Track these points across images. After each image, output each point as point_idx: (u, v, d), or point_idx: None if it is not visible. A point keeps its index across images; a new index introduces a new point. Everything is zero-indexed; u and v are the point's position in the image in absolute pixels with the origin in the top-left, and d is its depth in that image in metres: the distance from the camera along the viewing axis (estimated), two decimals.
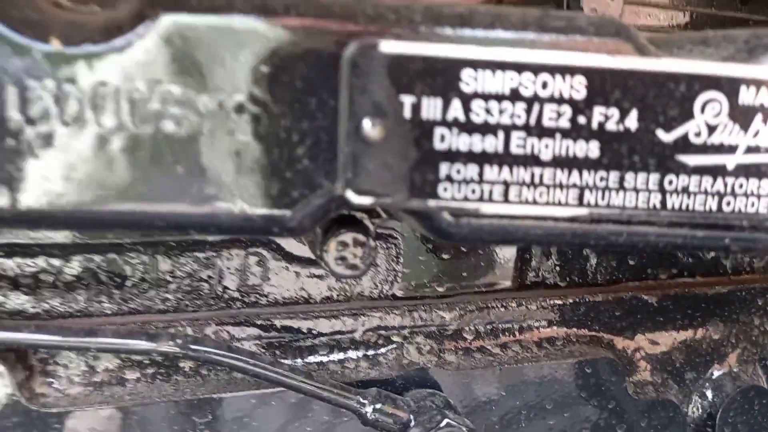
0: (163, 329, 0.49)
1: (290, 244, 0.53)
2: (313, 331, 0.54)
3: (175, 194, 0.33)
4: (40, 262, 0.47)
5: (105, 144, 0.32)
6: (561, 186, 0.34)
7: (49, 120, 0.31)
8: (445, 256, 0.57)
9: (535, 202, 0.34)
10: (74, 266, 0.48)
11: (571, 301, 0.61)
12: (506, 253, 0.59)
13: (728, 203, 0.35)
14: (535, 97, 0.33)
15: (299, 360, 0.53)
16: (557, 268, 0.61)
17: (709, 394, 0.66)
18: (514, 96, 0.33)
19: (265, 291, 0.53)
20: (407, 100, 0.32)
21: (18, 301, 0.47)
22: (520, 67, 0.32)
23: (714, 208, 0.35)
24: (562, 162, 0.34)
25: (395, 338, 0.55)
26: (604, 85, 0.33)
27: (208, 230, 0.35)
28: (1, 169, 0.32)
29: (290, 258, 0.53)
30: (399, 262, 0.55)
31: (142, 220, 0.34)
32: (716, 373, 0.67)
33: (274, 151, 0.33)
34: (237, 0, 0.32)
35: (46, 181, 0.32)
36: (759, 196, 0.35)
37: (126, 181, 0.33)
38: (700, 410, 0.66)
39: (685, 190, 0.35)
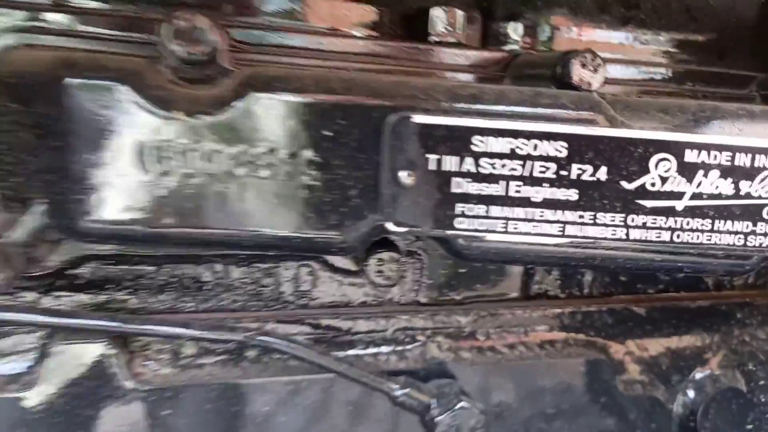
0: (234, 324, 0.61)
1: (334, 258, 0.64)
2: (352, 330, 0.65)
3: (261, 222, 0.45)
4: (140, 268, 0.60)
5: (212, 184, 0.44)
6: (548, 221, 0.45)
7: (173, 167, 0.44)
8: (462, 270, 0.68)
9: (528, 233, 0.45)
10: (165, 273, 0.60)
11: (569, 310, 0.71)
12: (513, 269, 0.70)
13: (678, 236, 0.46)
14: (528, 156, 0.44)
15: (341, 353, 0.64)
16: (557, 282, 0.72)
17: (691, 393, 0.76)
18: (513, 155, 0.44)
19: (314, 295, 0.64)
20: (432, 157, 0.44)
21: (122, 299, 0.60)
22: (516, 134, 0.44)
23: (667, 239, 0.46)
24: (549, 203, 0.45)
25: (419, 337, 0.67)
26: (581, 148, 0.44)
27: (283, 249, 0.46)
28: (136, 199, 0.44)
29: (334, 269, 0.64)
30: (423, 275, 0.67)
31: (232, 239, 0.46)
32: (698, 376, 0.77)
33: (333, 192, 0.45)
34: (308, 84, 0.43)
35: (168, 208, 0.44)
36: (702, 231, 0.46)
37: (224, 211, 0.45)
38: (683, 407, 0.75)
39: (644, 225, 0.46)
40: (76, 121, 0.43)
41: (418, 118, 0.43)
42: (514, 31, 0.67)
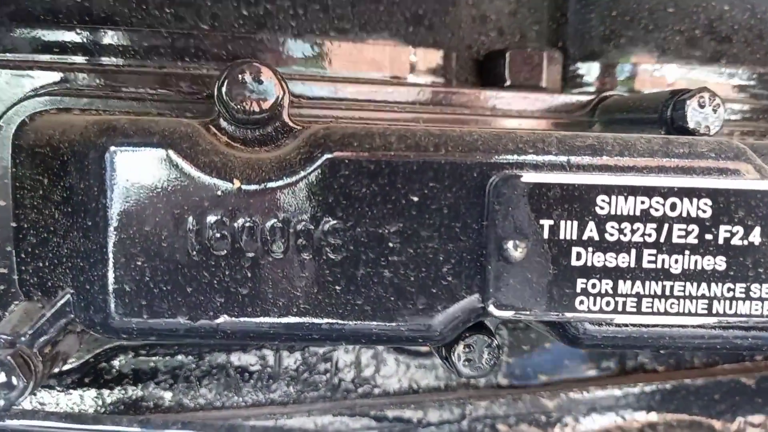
0: (285, 420, 0.52)
1: None
2: (423, 421, 0.56)
3: (333, 310, 0.37)
4: (178, 359, 0.51)
5: (275, 265, 0.36)
6: (691, 297, 0.36)
7: (227, 247, 0.36)
8: (547, 345, 0.59)
9: (666, 313, 0.37)
10: (206, 363, 0.52)
11: (669, 386, 0.61)
12: None
13: None
14: (665, 217, 0.36)
15: None
16: (655, 354, 0.62)
17: None
18: (645, 217, 0.36)
19: (378, 382, 0.55)
20: (546, 223, 0.36)
21: (157, 394, 0.51)
22: (649, 191, 0.35)
23: None
24: (691, 275, 0.36)
25: (501, 426, 0.57)
26: (728, 205, 0.36)
27: (358, 342, 0.38)
28: (183, 287, 0.36)
29: (400, 350, 0.55)
30: (503, 353, 0.58)
31: (297, 332, 0.38)
32: None
33: (422, 271, 0.37)
34: (391, 142, 0.36)
35: (220, 296, 0.36)
36: None
37: (287, 297, 0.37)
38: None
39: None
40: (112, 196, 0.35)
41: (529, 177, 0.35)
42: (588, 71, 0.59)
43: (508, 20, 0.59)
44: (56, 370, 0.46)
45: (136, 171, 0.36)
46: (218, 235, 0.36)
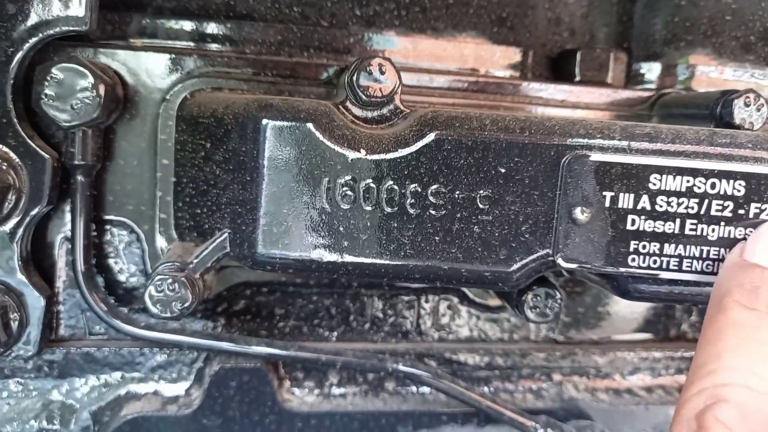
0: (378, 355, 0.63)
1: (473, 293, 0.65)
2: (490, 365, 0.65)
3: (433, 255, 0.46)
4: (291, 299, 0.62)
5: (389, 218, 0.46)
6: (724, 260, 0.45)
7: (353, 202, 0.46)
8: (599, 309, 0.67)
9: (702, 272, 0.45)
10: (313, 303, 0.63)
11: None
12: (652, 310, 0.69)
13: None
14: (705, 194, 0.44)
15: (477, 388, 0.65)
16: (696, 324, 0.70)
17: None
18: (689, 193, 0.44)
19: (452, 329, 0.65)
20: (608, 194, 0.44)
21: (272, 326, 0.62)
22: (694, 172, 0.44)
23: None
24: (725, 242, 0.45)
25: (556, 376, 0.66)
26: (759, 187, 0.44)
27: (450, 282, 0.48)
28: (317, 230, 0.47)
29: (473, 304, 0.65)
30: (562, 309, 0.66)
31: (403, 271, 0.48)
32: None
33: (505, 227, 0.46)
34: (486, 124, 0.45)
35: (345, 240, 0.47)
36: None
37: (397, 243, 0.47)
38: None
39: None
40: (267, 158, 0.46)
41: (596, 156, 0.44)
42: (650, 70, 0.67)
43: (580, 22, 0.68)
44: (206, 296, 0.58)
45: (286, 140, 0.46)
46: (347, 192, 0.46)
